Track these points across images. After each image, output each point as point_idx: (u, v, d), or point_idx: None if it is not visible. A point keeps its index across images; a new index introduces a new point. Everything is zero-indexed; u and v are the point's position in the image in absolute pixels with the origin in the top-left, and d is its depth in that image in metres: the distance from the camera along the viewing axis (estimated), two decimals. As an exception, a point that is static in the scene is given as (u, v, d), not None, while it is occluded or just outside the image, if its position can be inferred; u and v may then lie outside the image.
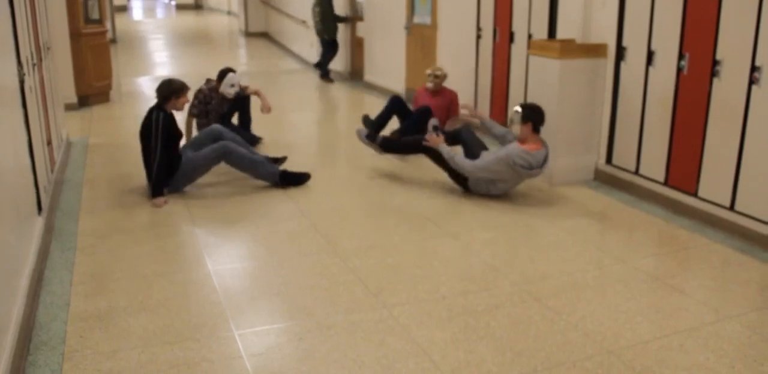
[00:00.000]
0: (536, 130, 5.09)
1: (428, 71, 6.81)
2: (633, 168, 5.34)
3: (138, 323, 3.32)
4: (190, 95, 5.64)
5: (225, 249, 4.34)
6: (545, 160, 5.11)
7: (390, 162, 6.07)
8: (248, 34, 18.43)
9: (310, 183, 5.57)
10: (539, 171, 5.10)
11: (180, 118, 5.63)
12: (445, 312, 3.47)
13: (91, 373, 2.91)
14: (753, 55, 4.23)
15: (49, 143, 5.30)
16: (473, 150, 5.64)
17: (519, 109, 5.11)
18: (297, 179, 5.51)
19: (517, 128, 5.12)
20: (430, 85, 6.79)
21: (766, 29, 4.14)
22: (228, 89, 6.58)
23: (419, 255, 4.22)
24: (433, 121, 6.37)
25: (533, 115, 5.05)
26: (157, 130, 5.11)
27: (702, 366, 3.01)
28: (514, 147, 5.04)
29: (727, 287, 3.85)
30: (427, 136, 5.43)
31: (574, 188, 5.50)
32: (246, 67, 13.06)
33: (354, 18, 11.12)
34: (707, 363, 3.03)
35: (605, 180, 5.60)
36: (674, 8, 4.77)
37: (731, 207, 4.52)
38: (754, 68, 4.24)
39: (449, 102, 6.87)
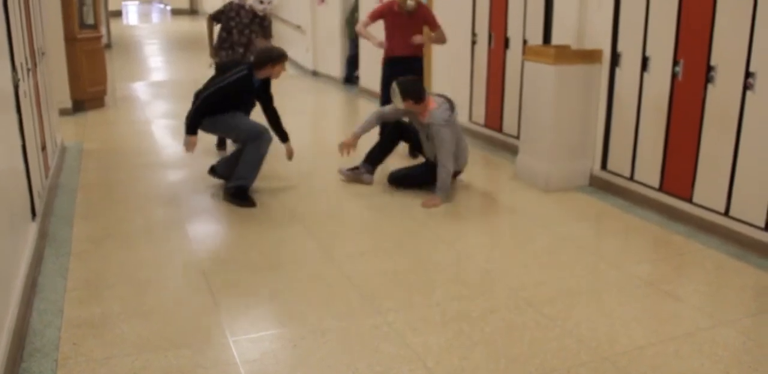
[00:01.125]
0: (420, 99, 5.26)
1: None
2: (628, 173, 5.35)
3: (132, 329, 3.31)
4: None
5: (219, 255, 4.33)
6: (452, 105, 5.41)
7: (383, 168, 6.06)
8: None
9: (303, 189, 5.56)
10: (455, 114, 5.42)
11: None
12: (440, 317, 3.47)
13: (85, 380, 2.90)
14: (747, 61, 4.24)
15: (44, 148, 5.29)
16: (416, 145, 5.83)
17: (395, 86, 5.29)
18: (243, 200, 5.17)
19: (400, 102, 5.28)
20: (411, 6, 6.36)
21: (760, 35, 4.15)
22: (257, 4, 6.46)
23: (413, 261, 4.21)
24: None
25: (409, 93, 5.25)
26: (224, 80, 5.22)
27: (697, 371, 3.01)
28: (435, 123, 5.21)
29: (722, 293, 3.85)
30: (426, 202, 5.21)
31: (569, 194, 5.50)
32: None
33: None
34: (702, 369, 3.02)
35: (600, 185, 5.61)
36: (669, 14, 4.79)
37: (726, 213, 4.52)
38: (748, 74, 4.25)
39: (426, 20, 6.56)
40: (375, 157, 5.81)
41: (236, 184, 5.20)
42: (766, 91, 4.16)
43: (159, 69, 14.11)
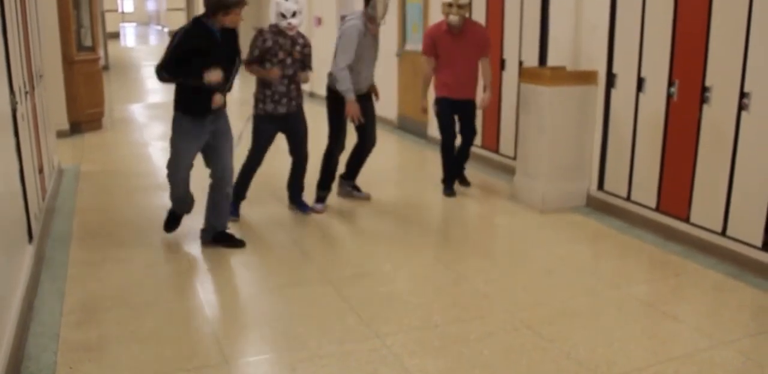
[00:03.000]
0: None
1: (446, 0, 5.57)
2: (625, 194, 5.36)
3: (129, 353, 3.29)
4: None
5: (217, 278, 4.32)
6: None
7: (379, 188, 6.06)
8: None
9: (291, 214, 5.55)
10: None
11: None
12: (438, 341, 3.45)
13: (81, 405, 2.88)
14: (742, 82, 4.27)
15: (41, 171, 5.29)
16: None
17: None
18: (229, 241, 4.75)
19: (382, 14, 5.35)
20: (454, 18, 5.50)
21: (754, 56, 4.19)
22: (281, 21, 5.03)
23: (412, 283, 4.20)
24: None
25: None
26: (171, 43, 4.40)
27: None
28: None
29: (720, 313, 3.84)
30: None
31: (566, 214, 5.50)
32: (238, 89, 13.11)
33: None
34: (702, 391, 3.02)
35: (597, 206, 5.61)
36: (663, 36, 4.83)
37: (723, 233, 4.53)
38: (743, 94, 4.27)
39: (480, 43, 5.72)
40: (353, 171, 5.90)
41: (213, 224, 4.78)
42: (761, 111, 4.18)
43: (156, 91, 14.14)
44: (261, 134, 5.24)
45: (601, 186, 5.60)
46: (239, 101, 8.67)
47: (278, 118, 5.21)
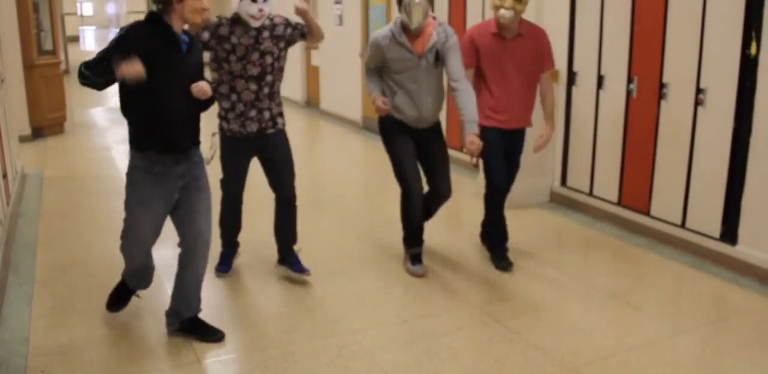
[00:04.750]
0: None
1: None
2: (587, 189, 5.47)
3: (100, 355, 3.29)
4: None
5: (186, 279, 4.32)
6: None
7: (353, 183, 6.10)
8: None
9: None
10: None
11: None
12: (408, 335, 3.51)
13: (54, 407, 2.88)
14: (697, 78, 4.39)
15: (5, 176, 5.24)
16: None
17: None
18: (202, 332, 3.47)
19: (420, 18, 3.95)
20: (506, 13, 4.05)
21: (709, 53, 4.31)
22: (248, 6, 3.70)
23: (381, 281, 4.25)
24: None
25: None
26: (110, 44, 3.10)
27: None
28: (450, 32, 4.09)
29: (681, 302, 3.95)
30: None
31: (530, 210, 5.59)
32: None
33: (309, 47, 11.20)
34: (665, 378, 3.11)
35: (560, 201, 5.71)
36: (622, 34, 4.94)
37: (682, 225, 4.65)
38: (699, 90, 4.40)
39: (540, 52, 4.29)
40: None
41: (180, 310, 3.50)
42: (717, 107, 4.31)
43: (116, 94, 14.01)
44: (229, 161, 4.05)
45: (564, 182, 5.70)
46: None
47: (248, 140, 3.98)
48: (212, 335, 3.44)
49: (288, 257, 4.24)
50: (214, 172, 3.70)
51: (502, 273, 4.31)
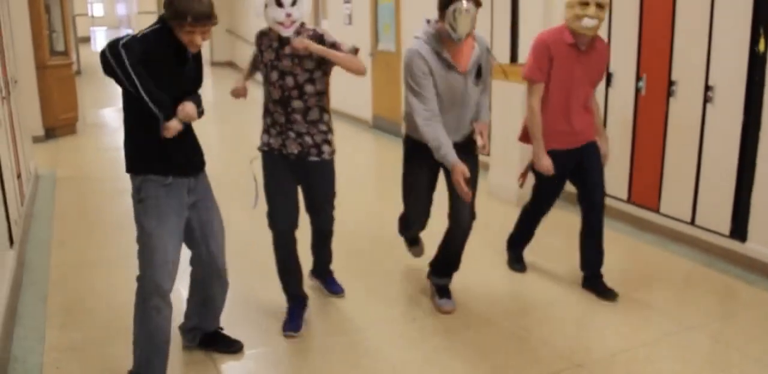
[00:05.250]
0: None
1: None
2: (596, 186, 5.47)
3: (113, 352, 3.33)
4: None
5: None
6: None
7: (365, 181, 6.12)
8: (213, 64, 18.48)
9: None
10: None
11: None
12: (417, 333, 3.54)
13: (69, 404, 2.93)
14: (706, 75, 4.40)
15: (19, 176, 5.30)
16: None
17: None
18: (224, 345, 3.38)
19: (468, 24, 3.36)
20: (590, 23, 3.61)
21: (717, 50, 4.31)
22: (274, 13, 3.20)
23: (390, 278, 4.27)
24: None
25: None
26: (119, 67, 2.73)
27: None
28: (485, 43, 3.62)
29: (690, 299, 3.96)
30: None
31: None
32: (211, 97, 13.14)
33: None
34: (674, 373, 3.12)
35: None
36: (630, 31, 4.95)
37: (692, 222, 4.65)
38: (707, 87, 4.40)
39: (603, 67, 3.98)
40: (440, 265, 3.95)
41: (201, 326, 3.39)
42: (725, 104, 4.31)
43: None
44: (273, 184, 3.50)
45: (573, 179, 5.70)
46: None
47: (290, 161, 3.47)
48: (232, 347, 3.35)
49: (324, 275, 4.02)
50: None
51: (512, 273, 4.33)
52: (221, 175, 4.65)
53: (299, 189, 3.57)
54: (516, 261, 4.42)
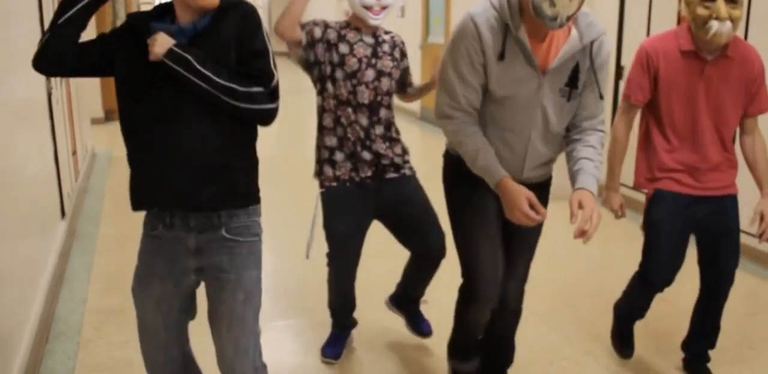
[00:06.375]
0: None
1: None
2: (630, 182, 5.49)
3: (148, 318, 3.56)
4: None
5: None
6: None
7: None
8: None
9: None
10: None
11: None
12: (435, 314, 3.66)
13: (104, 361, 3.16)
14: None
15: (74, 153, 5.59)
16: None
17: None
18: None
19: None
20: (722, 30, 2.55)
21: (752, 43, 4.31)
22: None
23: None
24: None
25: None
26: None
27: (677, 367, 3.18)
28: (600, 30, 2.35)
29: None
30: None
31: (560, 202, 5.63)
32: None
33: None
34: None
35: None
36: (670, 27, 4.97)
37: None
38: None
39: (751, 81, 2.74)
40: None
41: None
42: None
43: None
44: (338, 225, 2.95)
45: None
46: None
47: (364, 190, 2.92)
48: None
49: (411, 311, 3.40)
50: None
51: (534, 261, 4.41)
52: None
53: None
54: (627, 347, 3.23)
